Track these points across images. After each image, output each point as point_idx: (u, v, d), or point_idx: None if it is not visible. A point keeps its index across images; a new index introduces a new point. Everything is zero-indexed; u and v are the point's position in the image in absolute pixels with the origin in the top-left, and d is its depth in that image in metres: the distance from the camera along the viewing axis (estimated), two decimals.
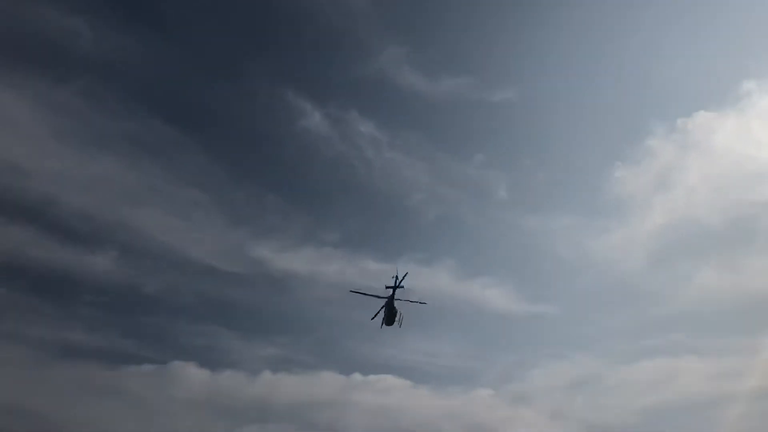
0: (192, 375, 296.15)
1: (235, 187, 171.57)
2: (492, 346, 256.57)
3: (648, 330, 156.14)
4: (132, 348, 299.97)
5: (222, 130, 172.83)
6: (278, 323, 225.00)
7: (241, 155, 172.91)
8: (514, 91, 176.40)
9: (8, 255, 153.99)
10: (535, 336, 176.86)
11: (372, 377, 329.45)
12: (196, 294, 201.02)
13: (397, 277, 49.88)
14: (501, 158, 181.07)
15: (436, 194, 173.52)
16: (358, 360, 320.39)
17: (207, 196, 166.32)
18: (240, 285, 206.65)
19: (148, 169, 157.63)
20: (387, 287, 49.66)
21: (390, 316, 50.40)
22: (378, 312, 50.47)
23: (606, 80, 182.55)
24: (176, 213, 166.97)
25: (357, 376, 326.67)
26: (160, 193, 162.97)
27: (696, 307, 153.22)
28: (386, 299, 50.34)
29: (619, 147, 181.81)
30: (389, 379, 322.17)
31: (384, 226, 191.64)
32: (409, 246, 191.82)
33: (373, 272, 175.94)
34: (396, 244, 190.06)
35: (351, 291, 57.64)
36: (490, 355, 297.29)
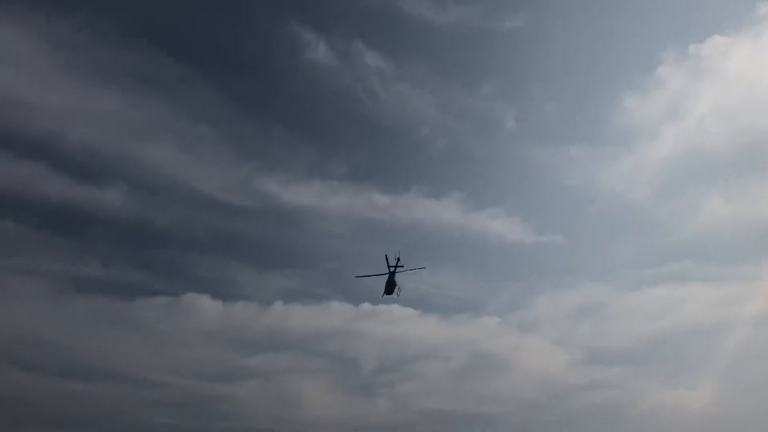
0: (205, 306, 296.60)
1: (241, 120, 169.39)
2: (499, 276, 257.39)
3: (654, 258, 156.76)
4: (145, 281, 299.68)
5: (227, 63, 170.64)
6: (288, 256, 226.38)
7: (247, 89, 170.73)
8: (523, 19, 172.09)
9: (19, 190, 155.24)
10: (542, 265, 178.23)
11: (381, 307, 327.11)
12: (206, 227, 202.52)
13: (398, 258, 55.63)
14: (509, 88, 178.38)
15: (443, 126, 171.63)
16: (367, 291, 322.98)
17: (213, 130, 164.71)
18: (249, 218, 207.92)
19: (153, 103, 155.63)
20: (389, 265, 55.13)
21: (390, 287, 55.71)
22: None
23: (616, 6, 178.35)
24: (183, 147, 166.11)
25: (366, 306, 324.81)
26: (167, 128, 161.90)
27: (703, 236, 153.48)
28: (388, 274, 55.18)
29: (629, 76, 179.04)
30: (397, 309, 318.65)
31: (391, 159, 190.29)
32: (417, 178, 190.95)
33: (381, 205, 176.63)
34: (403, 177, 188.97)
35: (356, 276, 64.61)
36: (496, 285, 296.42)
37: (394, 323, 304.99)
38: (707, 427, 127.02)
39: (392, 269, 55.68)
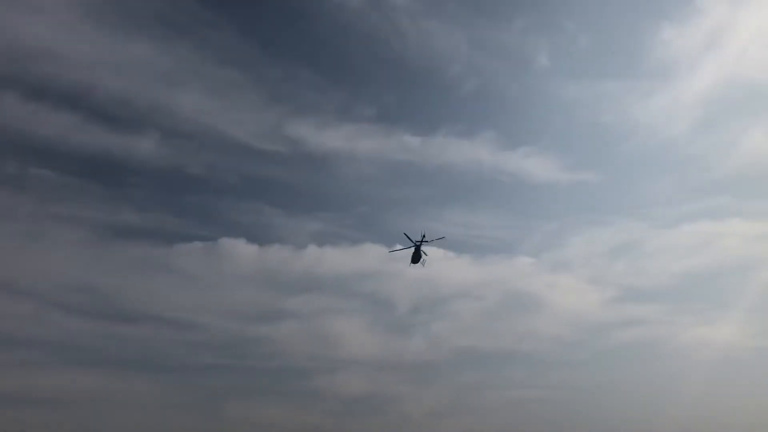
0: (240, 250, 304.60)
1: (270, 65, 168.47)
2: (532, 216, 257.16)
3: (691, 194, 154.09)
4: (182, 227, 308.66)
5: (254, 6, 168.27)
6: (321, 199, 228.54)
7: (275, 32, 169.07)
8: None
9: (55, 141, 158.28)
10: (576, 204, 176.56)
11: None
12: (238, 173, 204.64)
13: (423, 235, 61.74)
14: (542, 23, 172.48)
15: (474, 64, 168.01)
16: (399, 233, 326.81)
17: (243, 75, 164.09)
18: (280, 163, 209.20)
19: (182, 49, 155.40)
20: (414, 241, 61.11)
21: (416, 257, 61.90)
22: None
23: None
24: (213, 93, 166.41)
25: (399, 247, 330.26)
26: (196, 74, 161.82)
27: (742, 171, 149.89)
28: (414, 247, 61.29)
29: (666, 5, 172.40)
30: (431, 250, 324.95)
31: (421, 99, 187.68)
32: (448, 118, 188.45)
33: (411, 146, 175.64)
34: (434, 117, 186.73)
35: (389, 251, 73.01)
36: (530, 225, 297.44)
37: (428, 264, 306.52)
38: (743, 363, 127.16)
39: (418, 243, 60.66)
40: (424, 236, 62.75)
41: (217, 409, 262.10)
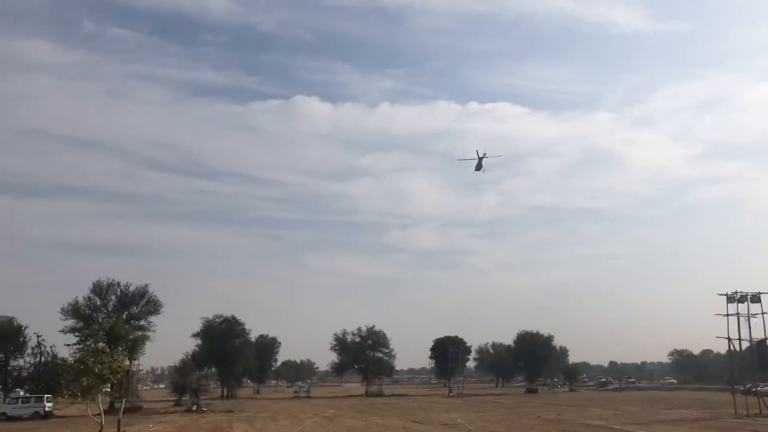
0: (314, 108, 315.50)
1: None
2: (615, 69, 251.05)
3: None
4: (257, 85, 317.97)
5: None
6: (393, 55, 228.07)
7: None
8: None
9: (130, 1, 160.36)
10: (663, 56, 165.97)
11: (488, 105, 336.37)
12: (310, 29, 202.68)
13: (485, 153, 72.72)
14: None
15: None
16: (474, 89, 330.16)
17: None
18: (352, 18, 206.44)
19: None
20: (480, 156, 71.89)
21: (479, 165, 71.46)
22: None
23: None
24: None
25: (473, 105, 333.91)
26: None
27: None
28: (479, 159, 71.43)
29: None
30: (506, 107, 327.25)
31: None
32: None
33: None
34: None
35: (458, 159, 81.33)
36: (612, 78, 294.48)
37: (503, 121, 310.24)
38: None
39: (481, 157, 71.20)
40: (485, 154, 73.65)
41: (298, 260, 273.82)
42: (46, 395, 54.58)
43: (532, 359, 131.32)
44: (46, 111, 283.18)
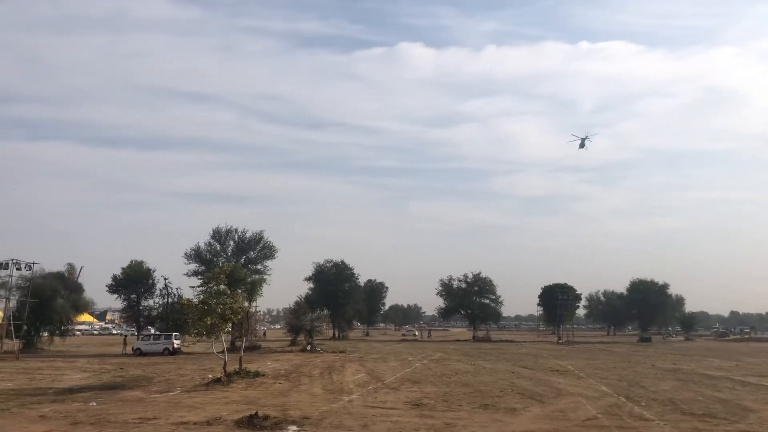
0: (418, 55, 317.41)
1: None
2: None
3: None
4: (361, 33, 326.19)
5: None
6: None
7: None
8: None
9: None
10: None
11: (600, 44, 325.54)
12: None
13: (587, 136, 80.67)
14: None
15: None
16: (584, 28, 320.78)
17: None
18: None
19: None
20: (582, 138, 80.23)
21: (582, 144, 78.55)
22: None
23: None
24: None
25: (583, 45, 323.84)
26: None
27: None
28: (581, 140, 79.93)
29: None
30: (619, 45, 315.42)
31: None
32: None
33: None
34: None
35: (567, 142, 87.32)
36: (737, 10, 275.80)
37: (615, 61, 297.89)
38: None
39: (584, 138, 79.04)
40: (587, 136, 79.35)
41: (402, 207, 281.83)
42: (174, 333, 58.74)
43: (645, 307, 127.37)
44: (163, 66, 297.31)
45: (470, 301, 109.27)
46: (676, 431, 17.99)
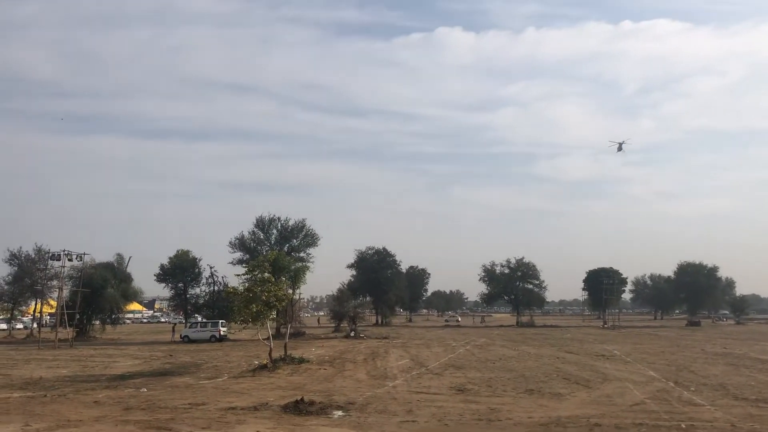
0: (457, 39, 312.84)
1: None
2: None
3: None
4: (399, 19, 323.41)
5: None
6: None
7: None
8: None
9: None
10: None
11: (644, 23, 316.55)
12: None
13: (624, 141, 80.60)
14: None
15: None
16: (627, 6, 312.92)
17: None
18: None
19: None
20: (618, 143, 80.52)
21: (620, 147, 79.07)
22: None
23: None
24: None
25: (626, 24, 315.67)
26: None
27: None
28: (618, 144, 79.93)
29: None
30: (664, 24, 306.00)
31: None
32: None
33: None
34: None
35: (608, 146, 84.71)
36: None
37: (660, 40, 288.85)
38: None
39: (621, 143, 79.91)
40: (624, 141, 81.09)
41: (444, 193, 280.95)
42: (220, 321, 59.86)
43: (694, 291, 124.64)
44: (206, 59, 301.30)
45: (513, 286, 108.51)
46: (727, 417, 17.59)
